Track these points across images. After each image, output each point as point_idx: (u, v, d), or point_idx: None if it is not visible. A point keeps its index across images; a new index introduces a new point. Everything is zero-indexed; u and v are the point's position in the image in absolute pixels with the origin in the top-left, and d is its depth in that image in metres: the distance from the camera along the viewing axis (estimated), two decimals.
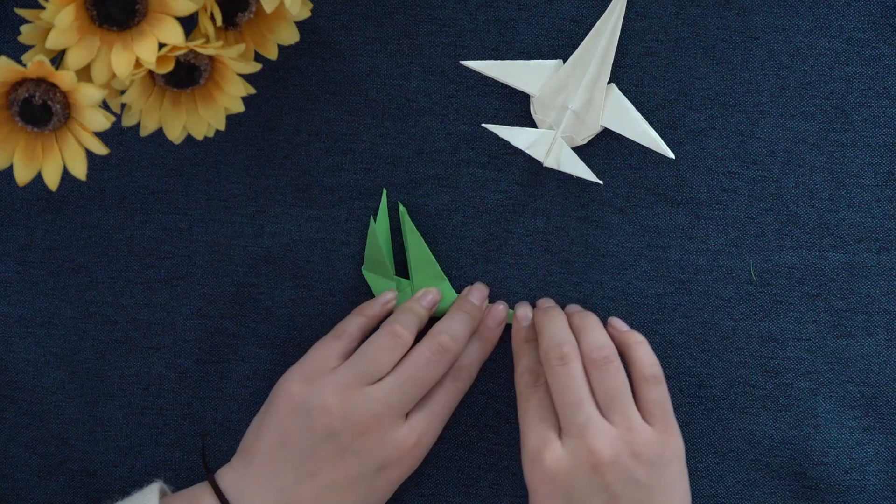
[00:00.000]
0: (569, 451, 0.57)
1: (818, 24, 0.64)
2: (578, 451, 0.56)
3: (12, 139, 0.54)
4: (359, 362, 0.58)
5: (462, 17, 0.64)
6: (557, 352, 0.58)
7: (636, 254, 0.64)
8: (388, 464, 0.58)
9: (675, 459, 0.58)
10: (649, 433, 0.57)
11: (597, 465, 0.56)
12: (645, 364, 0.59)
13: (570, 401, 0.57)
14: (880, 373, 0.64)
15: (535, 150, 0.61)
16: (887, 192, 0.64)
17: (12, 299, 0.65)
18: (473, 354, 0.62)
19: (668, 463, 0.57)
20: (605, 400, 0.58)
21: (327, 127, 0.65)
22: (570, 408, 0.57)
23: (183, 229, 0.65)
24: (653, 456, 0.57)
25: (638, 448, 0.57)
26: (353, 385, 0.58)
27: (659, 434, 0.58)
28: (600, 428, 0.57)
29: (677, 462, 0.58)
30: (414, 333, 0.60)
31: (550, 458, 0.57)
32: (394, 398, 0.58)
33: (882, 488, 0.63)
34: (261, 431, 0.59)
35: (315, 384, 0.58)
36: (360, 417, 0.57)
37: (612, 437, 0.56)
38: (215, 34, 0.55)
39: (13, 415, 0.65)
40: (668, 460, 0.57)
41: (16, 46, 0.54)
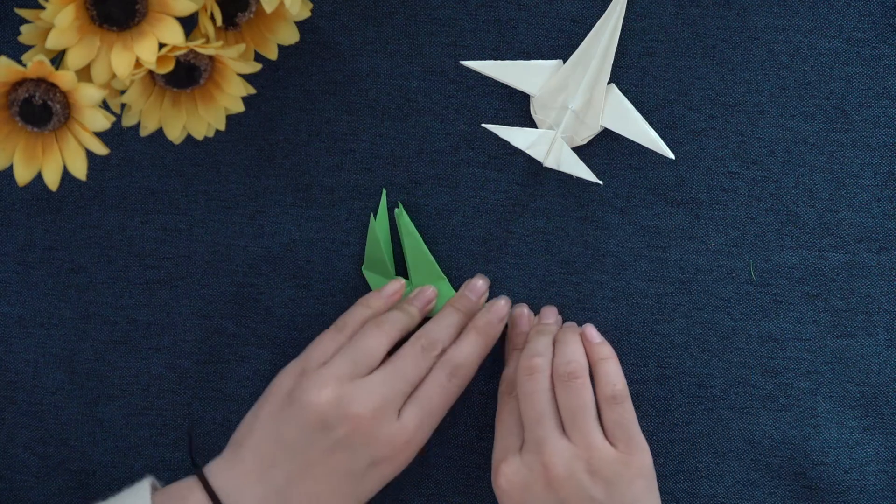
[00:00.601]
0: (525, 464, 0.57)
1: (818, 24, 0.64)
2: (534, 465, 0.57)
3: (12, 139, 0.54)
4: (350, 353, 0.58)
5: (462, 17, 0.64)
6: (528, 363, 0.59)
7: (636, 254, 0.64)
8: (380, 460, 0.58)
9: (638, 478, 0.58)
10: (609, 452, 0.57)
11: (550, 480, 0.57)
12: (607, 383, 0.59)
13: (533, 415, 0.58)
14: (880, 373, 0.64)
15: (535, 150, 0.61)
16: (887, 192, 0.64)
17: (12, 299, 0.65)
18: (471, 350, 0.61)
19: (629, 482, 0.57)
20: (567, 416, 0.58)
21: (327, 127, 0.65)
22: (532, 422, 0.58)
23: (183, 229, 0.65)
24: (610, 474, 0.57)
25: (595, 466, 0.57)
26: (345, 377, 0.57)
27: (620, 453, 0.58)
28: (557, 445, 0.57)
29: (641, 480, 0.58)
30: (401, 331, 0.60)
31: (506, 471, 0.58)
32: (384, 390, 0.57)
33: (882, 488, 0.63)
34: (254, 425, 0.58)
35: (309, 377, 0.58)
36: (352, 409, 0.57)
37: (569, 454, 0.57)
38: (215, 34, 0.55)
39: (12, 415, 0.65)
40: (629, 479, 0.57)
41: (16, 46, 0.54)
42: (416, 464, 0.64)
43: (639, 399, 0.64)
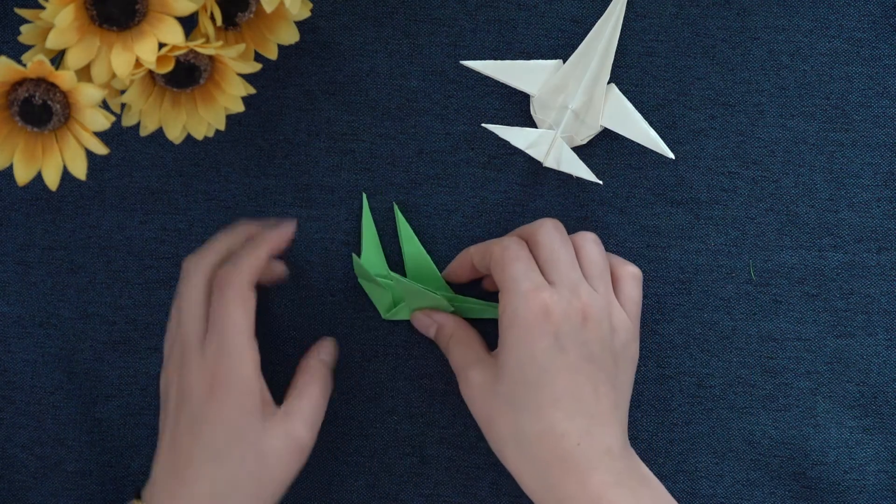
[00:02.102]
0: (563, 298, 0.55)
1: (818, 24, 0.64)
2: (572, 300, 0.55)
3: (12, 139, 0.54)
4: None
5: (462, 17, 0.64)
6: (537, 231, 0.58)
7: (636, 254, 0.64)
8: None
9: (635, 360, 0.58)
10: (624, 315, 0.57)
11: (586, 317, 0.55)
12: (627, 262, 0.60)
13: (562, 258, 0.57)
14: (880, 373, 0.64)
15: (535, 150, 0.61)
16: (887, 192, 0.64)
17: (11, 299, 0.65)
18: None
19: (632, 358, 0.58)
20: (590, 269, 0.57)
21: (327, 127, 0.65)
22: (563, 265, 0.56)
23: (183, 229, 0.65)
24: (625, 340, 0.57)
25: (616, 323, 0.56)
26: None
27: (633, 325, 0.58)
28: (589, 289, 0.56)
29: (634, 365, 0.58)
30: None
31: (549, 297, 0.55)
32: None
33: (882, 488, 0.63)
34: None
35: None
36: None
37: (601, 301, 0.56)
38: (215, 34, 0.55)
39: (10, 415, 0.65)
40: (632, 355, 0.58)
41: (16, 46, 0.54)
42: (416, 464, 0.65)
43: (639, 399, 0.64)
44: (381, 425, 0.65)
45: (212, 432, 0.55)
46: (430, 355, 0.64)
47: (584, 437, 0.53)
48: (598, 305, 0.56)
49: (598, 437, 0.54)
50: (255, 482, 0.56)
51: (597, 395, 0.54)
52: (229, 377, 0.55)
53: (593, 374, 0.55)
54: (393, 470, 0.65)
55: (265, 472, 0.56)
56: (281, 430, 0.56)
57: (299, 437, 0.57)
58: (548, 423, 0.54)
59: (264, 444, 0.56)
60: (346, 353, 0.64)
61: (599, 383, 0.55)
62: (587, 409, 0.54)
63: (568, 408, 0.54)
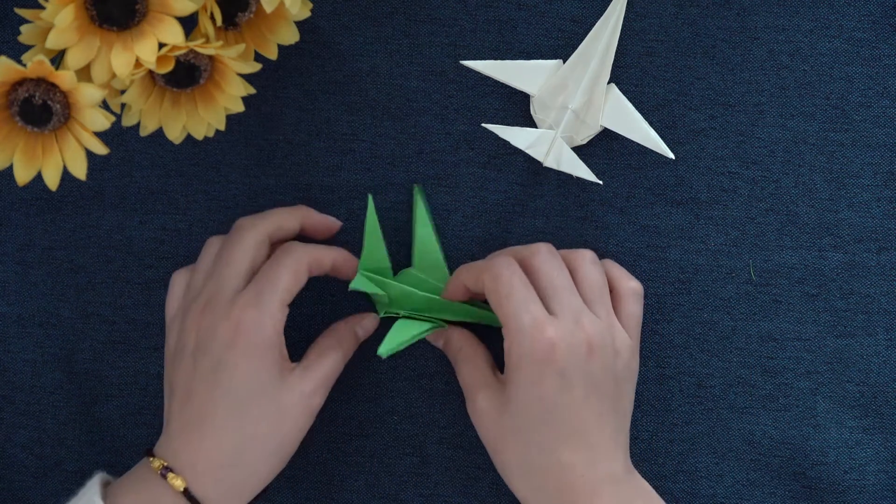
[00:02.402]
0: (567, 330, 0.55)
1: (818, 24, 0.64)
2: (576, 332, 0.55)
3: (12, 139, 0.54)
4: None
5: (462, 17, 0.64)
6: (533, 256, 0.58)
7: (636, 254, 0.64)
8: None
9: (636, 374, 0.59)
10: (626, 337, 0.58)
11: (591, 348, 0.55)
12: (629, 278, 0.60)
13: (560, 284, 0.57)
14: (880, 373, 0.64)
15: (535, 150, 0.61)
16: (887, 192, 0.64)
17: (11, 299, 0.65)
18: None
19: (632, 374, 0.59)
20: (590, 293, 0.58)
21: (327, 127, 0.65)
22: (562, 292, 0.57)
23: (183, 229, 0.65)
24: (626, 360, 0.57)
25: (618, 346, 0.57)
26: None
27: (633, 344, 0.58)
28: (591, 316, 0.57)
29: (634, 380, 0.59)
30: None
31: (554, 332, 0.55)
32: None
33: (882, 488, 0.63)
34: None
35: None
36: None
37: (601, 326, 0.56)
38: (215, 34, 0.55)
39: (10, 415, 0.65)
40: (633, 372, 0.58)
41: (16, 46, 0.53)
42: (416, 464, 0.65)
43: (639, 399, 0.64)
44: (381, 425, 0.65)
45: (231, 381, 0.55)
46: (430, 355, 0.64)
47: (587, 468, 0.55)
48: (600, 333, 0.56)
49: (601, 465, 0.55)
50: (274, 437, 0.56)
51: (600, 425, 0.56)
52: (253, 328, 0.55)
53: (597, 404, 0.56)
54: (393, 470, 0.65)
55: (283, 427, 0.56)
56: (297, 388, 0.57)
57: (312, 396, 0.57)
58: (554, 457, 0.55)
59: (282, 399, 0.56)
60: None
61: (602, 412, 0.56)
62: (591, 440, 0.55)
63: (573, 443, 0.55)
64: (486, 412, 0.57)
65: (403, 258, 0.64)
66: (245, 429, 0.55)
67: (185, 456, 0.55)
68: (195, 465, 0.55)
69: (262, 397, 0.56)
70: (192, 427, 0.56)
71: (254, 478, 0.57)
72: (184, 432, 0.56)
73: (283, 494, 0.65)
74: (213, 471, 0.55)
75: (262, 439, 0.56)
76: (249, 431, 0.55)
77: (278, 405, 0.56)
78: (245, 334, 0.55)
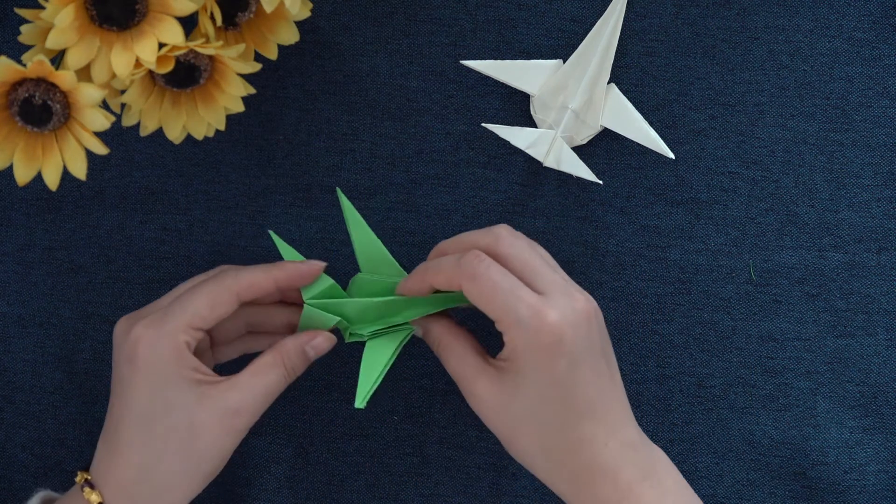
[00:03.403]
0: (565, 308, 0.53)
1: (818, 24, 0.64)
2: (572, 307, 0.54)
3: (12, 139, 0.54)
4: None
5: (462, 17, 0.64)
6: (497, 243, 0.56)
7: (636, 254, 0.64)
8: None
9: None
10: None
11: (588, 318, 0.54)
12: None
13: (536, 263, 0.55)
14: (880, 373, 0.64)
15: (535, 150, 0.61)
16: (887, 192, 0.64)
17: (11, 299, 0.65)
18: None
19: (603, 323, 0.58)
20: (549, 261, 0.57)
21: (327, 127, 0.65)
22: (542, 269, 0.55)
23: (183, 229, 0.65)
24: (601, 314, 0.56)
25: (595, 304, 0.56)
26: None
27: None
28: (573, 285, 0.55)
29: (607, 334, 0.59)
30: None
31: (555, 315, 0.53)
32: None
33: (882, 488, 0.63)
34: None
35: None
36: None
37: (584, 293, 0.55)
38: (215, 34, 0.55)
39: (10, 415, 0.65)
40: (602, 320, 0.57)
41: (16, 46, 0.54)
42: (416, 464, 0.65)
43: (639, 399, 0.64)
44: (381, 425, 0.65)
45: (133, 398, 0.55)
46: (430, 355, 0.64)
47: (609, 437, 0.54)
48: (587, 299, 0.55)
49: (620, 433, 0.55)
50: (186, 454, 0.55)
51: (610, 392, 0.55)
52: (149, 348, 0.55)
53: (606, 370, 0.55)
54: (393, 470, 0.65)
55: (195, 444, 0.55)
56: (217, 405, 0.55)
57: (235, 413, 0.55)
58: (575, 434, 0.54)
59: (196, 415, 0.54)
60: (346, 352, 0.64)
61: (611, 378, 0.55)
62: (604, 409, 0.55)
63: (590, 415, 0.54)
64: (489, 401, 0.55)
65: (404, 259, 0.64)
66: (151, 445, 0.55)
67: (102, 470, 0.55)
68: (109, 481, 0.55)
69: (169, 414, 0.54)
70: (107, 441, 0.56)
71: (168, 495, 0.55)
72: (102, 445, 0.56)
73: (283, 494, 0.65)
74: (125, 487, 0.55)
75: (172, 456, 0.55)
76: (157, 448, 0.54)
77: (190, 421, 0.54)
78: (141, 354, 0.55)
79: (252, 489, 0.64)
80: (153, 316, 0.56)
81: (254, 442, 0.64)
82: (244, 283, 0.57)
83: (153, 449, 0.54)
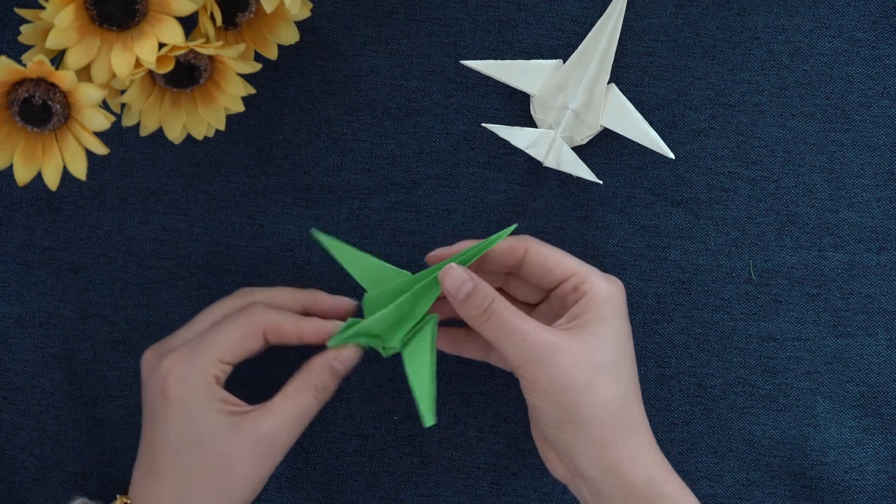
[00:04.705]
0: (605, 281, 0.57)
1: (818, 24, 0.64)
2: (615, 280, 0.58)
3: (12, 139, 0.54)
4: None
5: (462, 17, 0.64)
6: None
7: (636, 254, 0.64)
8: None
9: None
10: None
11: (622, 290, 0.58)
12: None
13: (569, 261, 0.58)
14: (880, 373, 0.64)
15: (535, 150, 0.61)
16: (887, 192, 0.64)
17: (11, 299, 0.65)
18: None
19: None
20: None
21: (327, 127, 0.65)
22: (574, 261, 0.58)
23: (183, 229, 0.65)
24: None
25: None
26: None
27: None
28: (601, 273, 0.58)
29: None
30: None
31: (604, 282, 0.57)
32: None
33: (882, 488, 0.63)
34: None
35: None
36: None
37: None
38: (215, 34, 0.55)
39: (10, 415, 0.65)
40: None
41: (16, 46, 0.54)
42: (416, 464, 0.65)
43: None
44: (381, 425, 0.65)
45: (167, 429, 0.55)
46: None
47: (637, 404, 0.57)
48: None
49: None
50: (218, 484, 0.55)
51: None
52: (179, 380, 0.55)
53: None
54: (393, 470, 0.65)
55: (229, 474, 0.55)
56: (250, 434, 0.55)
57: (270, 441, 0.55)
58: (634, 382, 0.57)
59: (229, 446, 0.55)
60: None
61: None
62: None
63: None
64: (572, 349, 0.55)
65: (404, 259, 0.64)
66: (185, 476, 0.55)
67: (141, 495, 0.56)
68: None
69: (202, 446, 0.55)
70: (144, 468, 0.56)
71: None
72: (138, 473, 0.57)
73: (283, 494, 0.65)
74: None
75: (206, 487, 0.55)
76: (190, 479, 0.55)
77: (223, 452, 0.55)
78: (172, 386, 0.55)
79: None
80: (183, 349, 0.56)
81: None
82: (272, 325, 0.57)
83: (188, 480, 0.55)
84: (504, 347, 0.55)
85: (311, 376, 0.57)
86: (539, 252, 0.58)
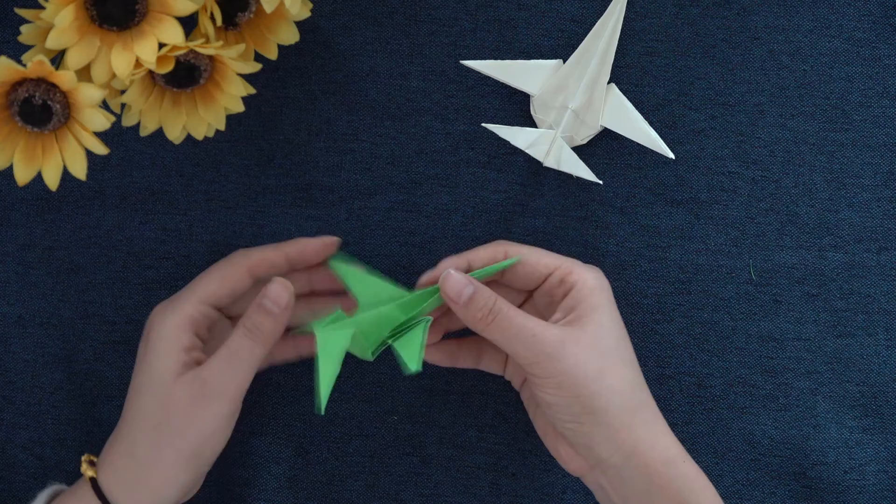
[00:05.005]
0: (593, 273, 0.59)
1: (818, 24, 0.64)
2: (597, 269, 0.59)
3: (12, 139, 0.54)
4: None
5: (462, 17, 0.64)
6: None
7: (636, 254, 0.64)
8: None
9: None
10: None
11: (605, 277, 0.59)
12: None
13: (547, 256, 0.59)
14: (880, 373, 0.64)
15: (535, 150, 0.62)
16: (887, 192, 0.64)
17: (11, 299, 0.65)
18: None
19: None
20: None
21: (327, 127, 0.65)
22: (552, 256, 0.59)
23: (183, 229, 0.65)
24: None
25: None
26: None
27: None
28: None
29: None
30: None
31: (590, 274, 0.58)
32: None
33: (882, 488, 0.63)
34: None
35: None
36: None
37: None
38: (215, 34, 0.55)
39: (10, 415, 0.65)
40: None
41: (16, 46, 0.54)
42: (416, 464, 0.65)
43: None
44: (381, 425, 0.65)
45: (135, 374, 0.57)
46: None
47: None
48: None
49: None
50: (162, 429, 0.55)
51: None
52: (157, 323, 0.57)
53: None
54: (393, 470, 0.65)
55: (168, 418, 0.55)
56: (187, 377, 0.56)
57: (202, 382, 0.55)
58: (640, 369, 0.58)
59: (170, 390, 0.55)
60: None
61: None
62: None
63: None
64: (581, 338, 0.55)
65: (405, 259, 0.64)
66: (137, 423, 0.56)
67: (106, 447, 0.58)
68: (105, 458, 0.57)
69: (152, 390, 0.56)
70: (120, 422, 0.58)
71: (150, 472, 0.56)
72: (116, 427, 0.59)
73: (283, 494, 0.65)
74: (113, 460, 0.57)
75: (151, 433, 0.56)
76: (140, 425, 0.56)
77: (166, 395, 0.55)
78: (150, 330, 0.57)
79: (252, 489, 0.64)
80: (172, 297, 0.59)
81: (254, 442, 0.65)
82: (255, 258, 0.59)
83: (139, 427, 0.56)
84: (513, 346, 0.55)
85: (243, 319, 0.57)
86: (518, 253, 0.59)
